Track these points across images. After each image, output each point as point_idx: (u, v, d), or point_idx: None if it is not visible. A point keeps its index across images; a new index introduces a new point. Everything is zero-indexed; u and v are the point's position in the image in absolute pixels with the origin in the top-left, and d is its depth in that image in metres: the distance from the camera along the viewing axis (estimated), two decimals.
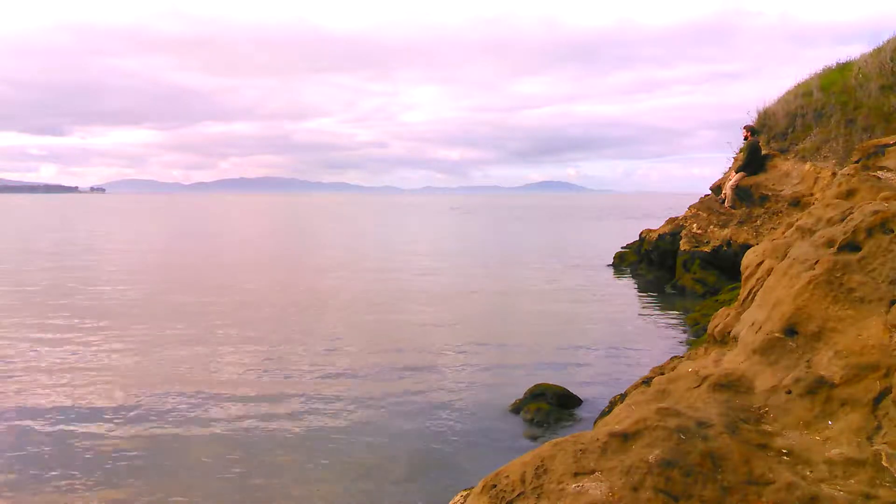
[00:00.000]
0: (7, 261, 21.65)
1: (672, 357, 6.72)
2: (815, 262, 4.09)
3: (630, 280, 17.24)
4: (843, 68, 15.76)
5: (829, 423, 3.17)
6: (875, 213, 4.18)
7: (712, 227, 14.87)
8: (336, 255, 24.67)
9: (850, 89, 14.59)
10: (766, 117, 16.27)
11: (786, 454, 2.98)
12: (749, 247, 8.05)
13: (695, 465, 2.80)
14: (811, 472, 2.85)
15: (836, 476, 2.81)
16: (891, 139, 7.64)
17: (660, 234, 17.07)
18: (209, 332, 10.72)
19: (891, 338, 3.36)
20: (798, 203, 13.56)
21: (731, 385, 3.67)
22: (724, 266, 13.85)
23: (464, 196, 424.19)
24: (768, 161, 15.31)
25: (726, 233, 14.39)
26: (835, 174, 11.62)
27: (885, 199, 4.75)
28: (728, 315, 5.03)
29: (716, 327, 5.05)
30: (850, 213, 4.58)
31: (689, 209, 16.38)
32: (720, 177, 16.93)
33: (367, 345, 9.93)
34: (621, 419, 3.37)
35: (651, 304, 13.61)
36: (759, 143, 15.44)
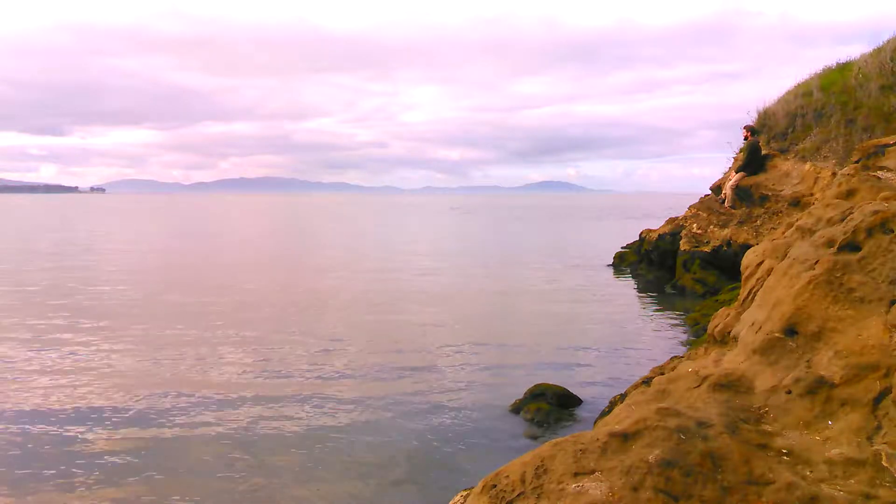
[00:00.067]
0: (7, 261, 21.65)
1: (672, 357, 6.72)
2: (815, 262, 4.09)
3: (630, 280, 17.23)
4: (843, 68, 15.77)
5: (829, 423, 3.17)
6: (875, 213, 4.18)
7: (712, 227, 14.87)
8: (336, 255, 24.67)
9: (850, 89, 14.60)
10: (766, 117, 16.27)
11: (786, 454, 2.98)
12: (749, 247, 8.05)
13: (695, 465, 2.80)
14: (811, 472, 2.85)
15: (836, 476, 2.81)
16: (891, 139, 7.64)
17: (660, 234, 17.07)
18: (209, 332, 10.72)
19: (891, 338, 3.36)
20: (798, 203, 13.56)
21: (731, 385, 3.67)
22: (724, 266, 13.85)
23: (464, 196, 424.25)
24: (768, 161, 15.32)
25: (726, 233, 14.39)
26: (835, 174, 11.62)
27: (885, 199, 4.75)
28: (728, 315, 5.04)
29: (716, 327, 5.05)
30: (850, 213, 4.58)
31: (689, 209, 16.38)
32: (720, 177, 16.93)
33: (367, 345, 9.93)
34: (621, 419, 3.37)
35: (651, 304, 13.61)
36: (759, 143, 15.44)
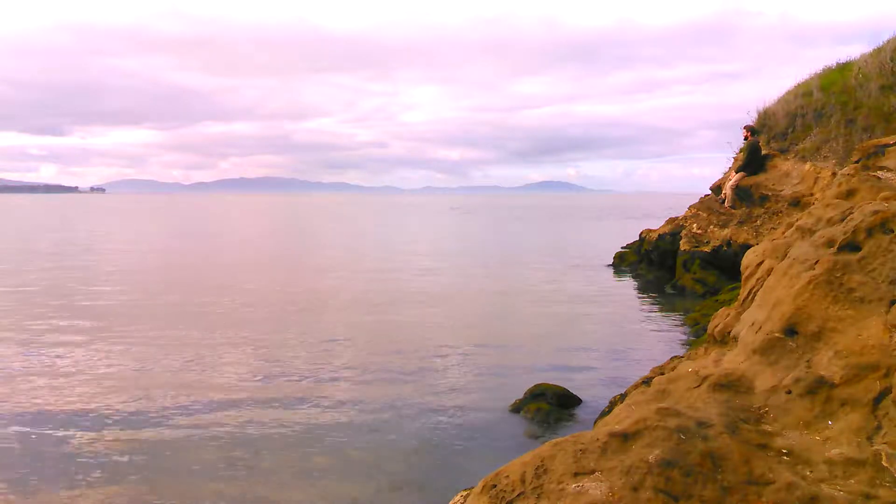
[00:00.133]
0: (7, 261, 21.65)
1: (672, 357, 6.72)
2: (815, 262, 4.09)
3: (630, 280, 17.23)
4: (843, 68, 15.77)
5: (829, 423, 3.17)
6: (875, 213, 4.18)
7: (712, 227, 14.87)
8: (336, 255, 24.67)
9: (850, 89, 14.60)
10: (766, 117, 16.27)
11: (786, 454, 2.98)
12: (749, 247, 8.05)
13: (695, 465, 2.80)
14: (811, 472, 2.85)
15: (836, 476, 2.81)
16: (891, 139, 7.64)
17: (660, 234, 17.07)
18: (209, 332, 10.72)
19: (891, 338, 3.36)
20: (798, 203, 13.56)
21: (731, 385, 3.67)
22: (724, 266, 13.85)
23: (464, 196, 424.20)
24: (768, 161, 15.32)
25: (726, 233, 14.39)
26: (835, 174, 11.62)
27: (885, 199, 4.75)
28: (728, 315, 5.03)
29: (716, 327, 5.05)
30: (850, 213, 4.58)
31: (689, 209, 16.38)
32: (720, 177, 16.93)
33: (366, 345, 9.93)
34: (621, 419, 3.37)
35: (651, 304, 13.61)
36: (759, 143, 15.44)
